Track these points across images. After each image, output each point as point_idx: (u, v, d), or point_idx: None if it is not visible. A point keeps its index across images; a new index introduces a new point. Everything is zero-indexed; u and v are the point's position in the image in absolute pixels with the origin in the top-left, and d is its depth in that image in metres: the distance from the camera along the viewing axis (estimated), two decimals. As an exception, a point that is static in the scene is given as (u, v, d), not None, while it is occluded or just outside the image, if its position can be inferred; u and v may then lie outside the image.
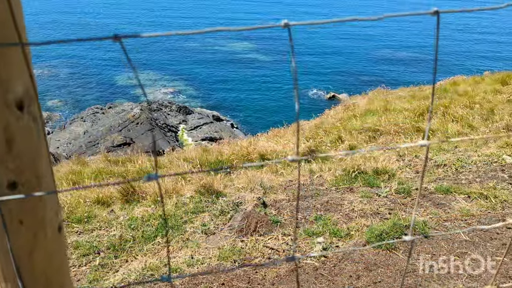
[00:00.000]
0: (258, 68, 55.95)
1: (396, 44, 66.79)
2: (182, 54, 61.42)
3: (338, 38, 71.61)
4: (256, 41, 69.11)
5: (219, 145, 11.93)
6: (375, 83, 51.30)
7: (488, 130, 7.80)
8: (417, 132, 9.29)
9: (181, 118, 39.87)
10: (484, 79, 14.04)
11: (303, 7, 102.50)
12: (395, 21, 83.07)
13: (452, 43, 65.20)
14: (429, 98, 13.83)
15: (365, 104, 15.01)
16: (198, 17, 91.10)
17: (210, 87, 49.86)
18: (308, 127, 12.54)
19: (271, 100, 46.92)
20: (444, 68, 51.60)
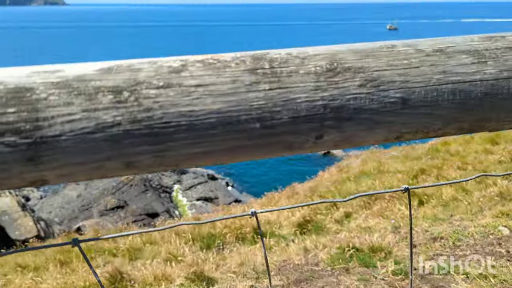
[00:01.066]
0: (252, 126, 56.58)
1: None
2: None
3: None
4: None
5: (213, 211, 11.77)
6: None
7: (483, 195, 7.77)
8: (412, 197, 9.22)
9: (175, 178, 39.73)
10: (474, 138, 14.23)
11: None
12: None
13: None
14: (422, 158, 13.94)
15: (358, 165, 15.06)
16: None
17: (205, 146, 50.04)
18: (303, 191, 12.47)
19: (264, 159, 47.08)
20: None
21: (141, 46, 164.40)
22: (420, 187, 1.56)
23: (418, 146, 16.55)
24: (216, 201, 38.28)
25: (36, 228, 19.09)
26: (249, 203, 11.41)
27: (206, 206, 35.63)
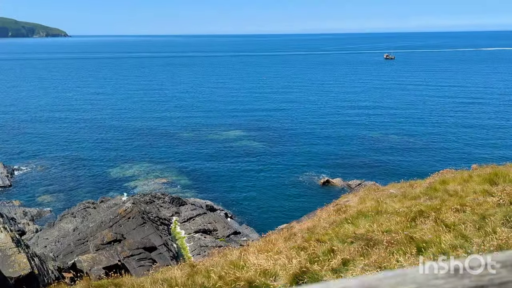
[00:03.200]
0: (251, 156, 56.76)
1: (390, 130, 68.69)
2: (176, 144, 62.62)
3: (333, 124, 73.72)
4: (249, 129, 70.91)
5: (209, 256, 11.55)
6: (366, 168, 51.79)
7: (482, 244, 7.62)
8: (410, 243, 9.06)
9: (174, 210, 39.35)
10: (472, 177, 14.12)
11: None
12: (388, 108, 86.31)
13: (437, 136, 67.05)
14: (420, 197, 13.80)
15: (356, 203, 14.90)
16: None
17: (204, 176, 50.09)
18: (300, 233, 12.28)
19: (264, 188, 46.88)
20: (430, 161, 52.69)
21: (146, 76, 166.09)
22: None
23: (417, 184, 16.43)
24: (215, 233, 37.84)
25: (30, 265, 18.71)
26: (246, 247, 11.20)
27: (204, 239, 35.17)
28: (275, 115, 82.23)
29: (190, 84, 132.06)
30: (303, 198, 44.43)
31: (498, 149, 57.32)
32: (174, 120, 78.83)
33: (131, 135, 68.17)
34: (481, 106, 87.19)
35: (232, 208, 42.61)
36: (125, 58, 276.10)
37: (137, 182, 47.83)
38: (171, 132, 69.75)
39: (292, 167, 52.76)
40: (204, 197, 44.15)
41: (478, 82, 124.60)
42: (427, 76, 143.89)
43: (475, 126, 70.63)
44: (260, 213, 41.69)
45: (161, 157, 56.36)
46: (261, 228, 37.07)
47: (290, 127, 72.62)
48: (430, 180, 15.77)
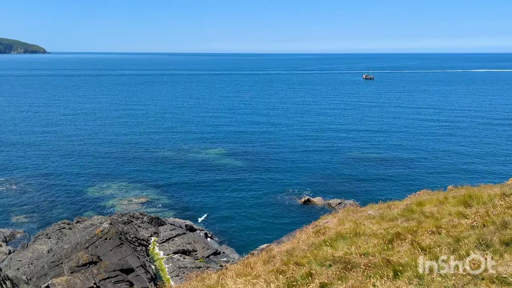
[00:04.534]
0: (232, 175, 56.57)
1: (370, 150, 69.64)
2: (155, 162, 62.02)
3: (314, 143, 74.34)
4: (228, 147, 70.88)
5: (186, 280, 11.38)
6: (347, 187, 52.18)
7: (456, 267, 7.74)
8: (387, 267, 9.14)
9: (152, 230, 38.72)
10: (448, 198, 14.40)
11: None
12: (368, 128, 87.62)
13: (415, 159, 68.38)
14: (397, 219, 13.96)
15: (335, 225, 14.98)
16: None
17: (184, 196, 49.59)
18: (279, 255, 12.25)
19: (245, 207, 46.67)
20: (408, 181, 53.56)
21: (125, 94, 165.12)
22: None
23: (394, 205, 16.63)
24: (194, 254, 37.29)
25: (1, 290, 18.08)
26: (225, 270, 11.09)
27: (183, 260, 34.60)
28: (256, 134, 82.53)
29: (170, 102, 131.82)
30: (284, 217, 44.37)
31: (473, 170, 58.63)
32: (154, 138, 78.28)
33: (109, 153, 67.28)
34: (456, 126, 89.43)
35: (212, 228, 42.23)
36: (106, 75, 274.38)
37: (115, 202, 47.02)
38: (151, 150, 69.15)
39: (273, 186, 52.79)
40: (184, 216, 43.67)
41: (454, 103, 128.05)
42: (405, 97, 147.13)
43: (452, 146, 72.25)
44: (241, 233, 41.39)
45: (140, 176, 55.67)
46: (242, 247, 36.77)
47: (271, 145, 72.90)
48: (407, 201, 16.00)
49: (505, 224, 10.15)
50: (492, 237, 9.50)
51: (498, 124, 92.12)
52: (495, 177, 50.35)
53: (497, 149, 69.63)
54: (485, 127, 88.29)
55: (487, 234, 9.78)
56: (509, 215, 10.82)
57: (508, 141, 75.49)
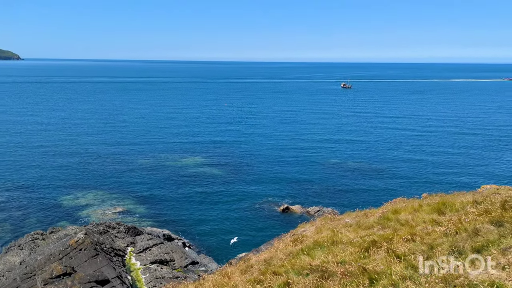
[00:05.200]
0: (210, 183, 56.25)
1: (348, 158, 70.42)
2: (132, 171, 61.14)
3: (292, 151, 74.72)
4: (207, 155, 70.56)
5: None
6: (325, 195, 52.54)
7: (431, 276, 7.89)
8: (363, 275, 9.24)
9: (129, 240, 38.08)
10: (422, 206, 14.68)
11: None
12: (346, 136, 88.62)
13: (392, 166, 69.53)
14: (374, 227, 14.15)
15: (313, 233, 15.07)
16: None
17: (161, 205, 48.99)
18: (257, 265, 12.23)
19: (223, 216, 46.40)
20: (384, 189, 54.42)
21: (101, 101, 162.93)
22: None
23: (371, 213, 16.86)
24: (172, 264, 36.80)
25: (-30, 304, 17.44)
26: (202, 281, 10.99)
27: (161, 270, 34.08)
28: (234, 142, 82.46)
29: (147, 110, 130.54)
30: (263, 225, 44.32)
31: (447, 178, 59.94)
32: (131, 146, 77.27)
33: (84, 161, 66.05)
34: (431, 135, 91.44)
35: (191, 237, 41.84)
36: (81, 82, 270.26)
37: (90, 212, 46.09)
38: (128, 159, 68.20)
39: (252, 194, 52.73)
40: (161, 226, 43.13)
41: (428, 112, 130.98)
42: (382, 106, 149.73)
43: (426, 154, 73.76)
44: (220, 242, 41.12)
45: (116, 185, 54.77)
46: (221, 257, 36.53)
47: (250, 154, 72.92)
48: (384, 209, 16.24)
49: (476, 231, 10.42)
50: (464, 244, 9.73)
51: (471, 133, 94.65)
52: (468, 184, 51.57)
53: (470, 157, 71.45)
54: (458, 136, 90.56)
55: (459, 241, 10.01)
56: (481, 223, 11.11)
57: (480, 149, 77.57)
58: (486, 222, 10.92)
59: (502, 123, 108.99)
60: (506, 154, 73.68)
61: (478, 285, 6.87)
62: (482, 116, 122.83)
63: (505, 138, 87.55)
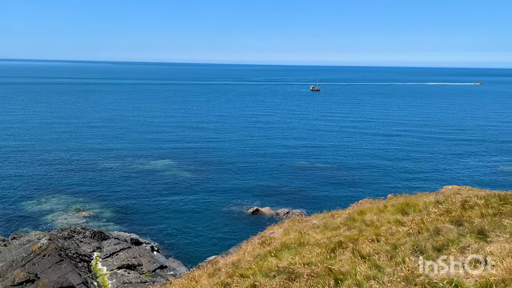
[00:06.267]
0: (179, 186, 55.69)
1: (316, 160, 71.23)
2: (99, 174, 59.78)
3: (262, 153, 74.92)
4: (176, 158, 69.85)
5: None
6: (294, 196, 53.01)
7: (391, 280, 8.08)
8: (329, 275, 9.37)
9: (95, 245, 37.21)
10: (387, 207, 15.03)
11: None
12: (315, 138, 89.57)
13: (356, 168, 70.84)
14: (340, 228, 14.37)
15: (281, 235, 15.16)
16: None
17: (129, 208, 48.10)
18: (225, 268, 12.19)
19: (192, 219, 46.04)
20: (351, 190, 55.43)
21: (65, 103, 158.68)
22: None
23: (338, 214, 17.12)
24: (139, 269, 36.18)
25: None
26: (169, 285, 10.85)
27: (128, 275, 33.45)
28: (204, 144, 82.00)
29: (113, 112, 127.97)
30: (233, 228, 44.22)
31: (412, 178, 61.65)
32: (96, 149, 75.51)
33: (47, 165, 64.05)
34: (397, 137, 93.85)
35: (159, 241, 41.27)
36: (44, 84, 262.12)
37: (54, 216, 44.72)
38: (93, 162, 66.62)
39: (222, 197, 52.55)
40: (129, 230, 42.34)
41: (393, 115, 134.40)
42: (348, 108, 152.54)
43: (393, 156, 75.62)
44: (188, 245, 40.75)
45: (82, 189, 53.39)
46: (190, 260, 36.20)
47: (220, 156, 72.69)
48: (350, 210, 16.54)
49: (437, 230, 10.76)
50: (426, 243, 10.03)
51: (435, 135, 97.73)
52: (431, 185, 53.18)
53: (434, 158, 73.75)
54: (423, 138, 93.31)
55: (421, 241, 10.31)
56: (442, 222, 11.48)
57: (443, 151, 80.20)
58: (447, 221, 11.30)
59: (465, 126, 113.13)
60: (468, 155, 76.50)
61: (437, 283, 7.09)
62: (446, 119, 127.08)
63: (466, 141, 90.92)
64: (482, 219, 10.19)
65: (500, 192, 13.70)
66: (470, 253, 7.90)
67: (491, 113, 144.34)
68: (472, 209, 11.51)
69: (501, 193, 13.31)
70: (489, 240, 8.43)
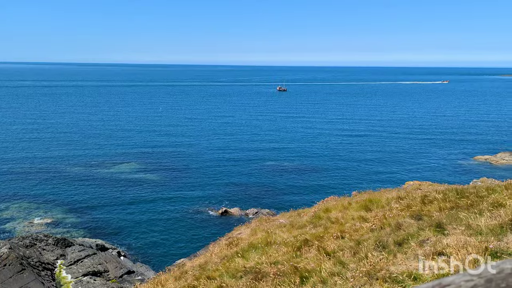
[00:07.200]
0: (146, 190, 54.79)
1: (284, 159, 71.73)
2: (61, 180, 58.00)
3: (229, 153, 74.76)
4: (142, 161, 68.69)
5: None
6: (263, 196, 53.23)
7: (353, 275, 8.25)
8: (295, 273, 9.47)
9: (59, 253, 36.13)
10: (351, 204, 15.33)
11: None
12: (283, 137, 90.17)
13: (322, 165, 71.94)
14: (306, 226, 14.54)
15: (248, 235, 15.19)
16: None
17: (94, 214, 46.92)
18: (192, 270, 12.11)
19: (160, 222, 45.41)
20: (318, 188, 56.23)
21: (24, 106, 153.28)
22: None
23: (304, 212, 17.32)
24: (106, 275, 35.37)
25: None
26: (134, 290, 10.67)
27: (94, 282, 32.65)
28: (170, 146, 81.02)
29: (77, 115, 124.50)
30: (202, 230, 43.92)
31: (376, 175, 63.17)
32: (59, 154, 73.24)
33: (6, 171, 61.60)
34: (362, 135, 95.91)
35: (127, 246, 40.49)
36: (2, 87, 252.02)
37: (15, 224, 43.05)
38: (55, 167, 64.58)
39: (190, 199, 52.09)
40: (94, 236, 41.31)
41: (358, 113, 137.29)
42: (315, 107, 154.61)
43: (358, 154, 77.21)
44: (157, 249, 40.17)
45: (43, 195, 51.63)
46: (158, 264, 35.68)
47: (187, 158, 72.03)
48: (316, 208, 16.76)
49: (399, 225, 11.07)
50: (387, 238, 10.30)
51: (398, 133, 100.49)
52: (394, 181, 54.64)
53: (397, 155, 75.84)
54: (386, 135, 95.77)
55: (383, 236, 10.58)
56: (403, 217, 11.82)
57: (405, 148, 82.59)
58: (408, 216, 11.65)
59: (428, 123, 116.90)
60: (429, 152, 79.10)
61: (398, 276, 7.30)
62: (410, 117, 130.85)
63: (428, 138, 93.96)
64: (440, 213, 10.57)
65: (458, 186, 14.25)
66: (429, 246, 8.17)
67: (452, 110, 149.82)
68: (431, 204, 11.91)
69: (458, 187, 13.85)
70: (446, 233, 8.74)
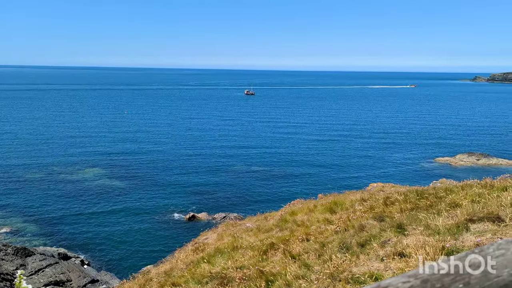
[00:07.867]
0: (111, 196, 53.55)
1: (251, 163, 71.83)
2: (22, 186, 55.86)
3: (197, 158, 74.17)
4: (107, 167, 67.12)
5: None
6: (230, 200, 53.13)
7: (320, 273, 8.34)
8: (261, 277, 9.49)
9: (19, 262, 34.78)
10: (317, 206, 15.53)
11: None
12: (250, 141, 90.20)
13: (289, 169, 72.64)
14: (273, 229, 14.60)
15: (215, 240, 15.11)
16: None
17: (56, 222, 45.45)
18: (157, 277, 11.92)
19: (125, 229, 44.47)
20: (284, 191, 56.72)
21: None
22: None
23: (271, 216, 17.39)
24: (68, 285, 34.28)
25: None
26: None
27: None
28: (137, 152, 79.62)
29: (38, 120, 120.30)
30: (169, 235, 43.31)
31: (341, 177, 64.33)
32: (18, 159, 70.56)
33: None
34: (328, 139, 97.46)
35: (90, 254, 39.41)
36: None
37: (-29, 234, 41.10)
38: (15, 173, 62.15)
39: (157, 205, 51.31)
40: (56, 244, 40.00)
41: (327, 118, 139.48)
42: (282, 112, 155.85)
43: (324, 157, 78.38)
44: (122, 257, 39.29)
45: (2, 203, 49.58)
46: (124, 272, 34.87)
47: (154, 164, 70.95)
48: (282, 211, 16.87)
49: (362, 227, 11.29)
50: (351, 240, 10.49)
51: (362, 136, 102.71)
52: (358, 183, 55.71)
53: (361, 158, 77.49)
54: (351, 139, 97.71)
55: (347, 238, 10.77)
56: (366, 219, 12.07)
57: (370, 151, 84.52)
58: (371, 218, 11.90)
59: (392, 126, 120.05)
60: (392, 154, 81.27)
61: (359, 277, 7.44)
62: (375, 120, 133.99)
63: (392, 141, 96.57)
64: (401, 214, 10.86)
65: (418, 188, 14.70)
66: (390, 246, 8.38)
67: (415, 114, 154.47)
68: (393, 205, 12.23)
69: (419, 188, 14.29)
70: (406, 233, 8.99)
